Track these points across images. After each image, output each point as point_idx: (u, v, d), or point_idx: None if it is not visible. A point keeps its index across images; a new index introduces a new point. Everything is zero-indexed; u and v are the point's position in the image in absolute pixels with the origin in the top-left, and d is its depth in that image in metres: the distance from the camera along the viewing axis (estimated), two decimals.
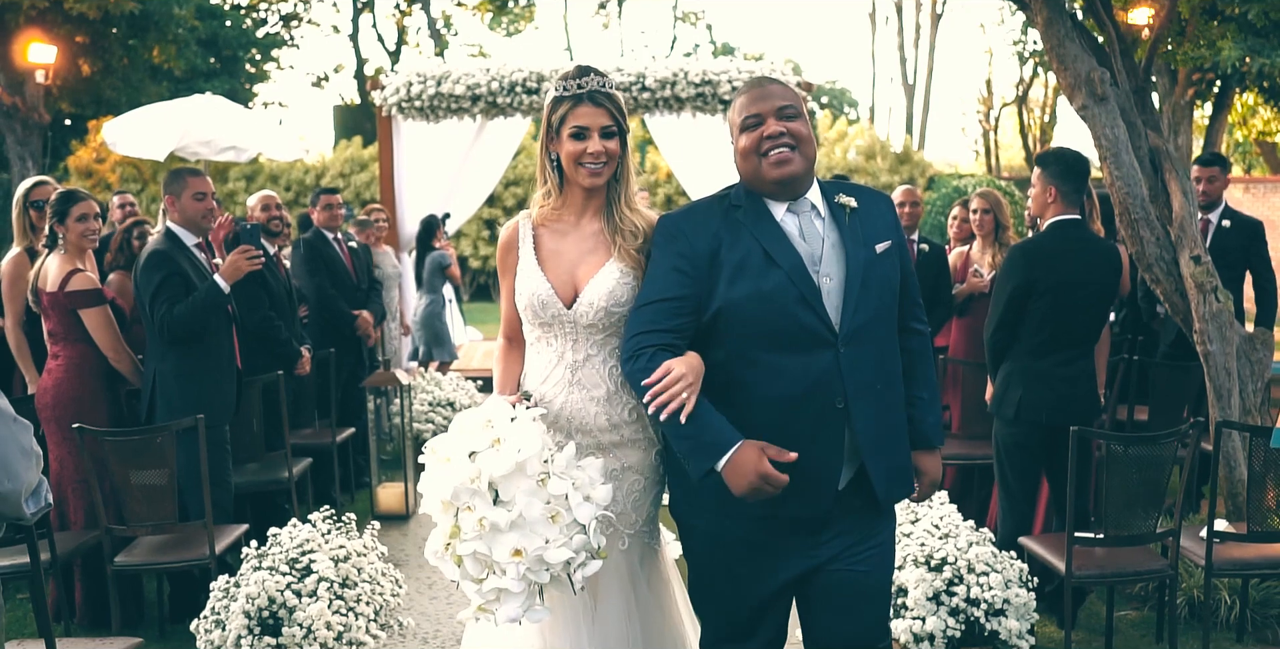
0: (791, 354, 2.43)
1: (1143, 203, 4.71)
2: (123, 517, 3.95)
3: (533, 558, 2.32)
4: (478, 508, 2.32)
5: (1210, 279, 4.60)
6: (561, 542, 2.35)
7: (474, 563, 2.34)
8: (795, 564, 2.52)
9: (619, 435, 2.74)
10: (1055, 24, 4.68)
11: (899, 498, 2.60)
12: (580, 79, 2.67)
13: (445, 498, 2.33)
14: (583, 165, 2.66)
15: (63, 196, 4.29)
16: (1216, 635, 4.21)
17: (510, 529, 2.32)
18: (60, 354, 4.31)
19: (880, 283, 2.50)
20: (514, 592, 2.33)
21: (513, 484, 2.34)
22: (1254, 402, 4.70)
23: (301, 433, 5.76)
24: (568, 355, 2.73)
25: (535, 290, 2.70)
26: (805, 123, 2.50)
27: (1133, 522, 3.78)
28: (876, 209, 2.58)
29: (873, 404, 2.47)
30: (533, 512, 2.34)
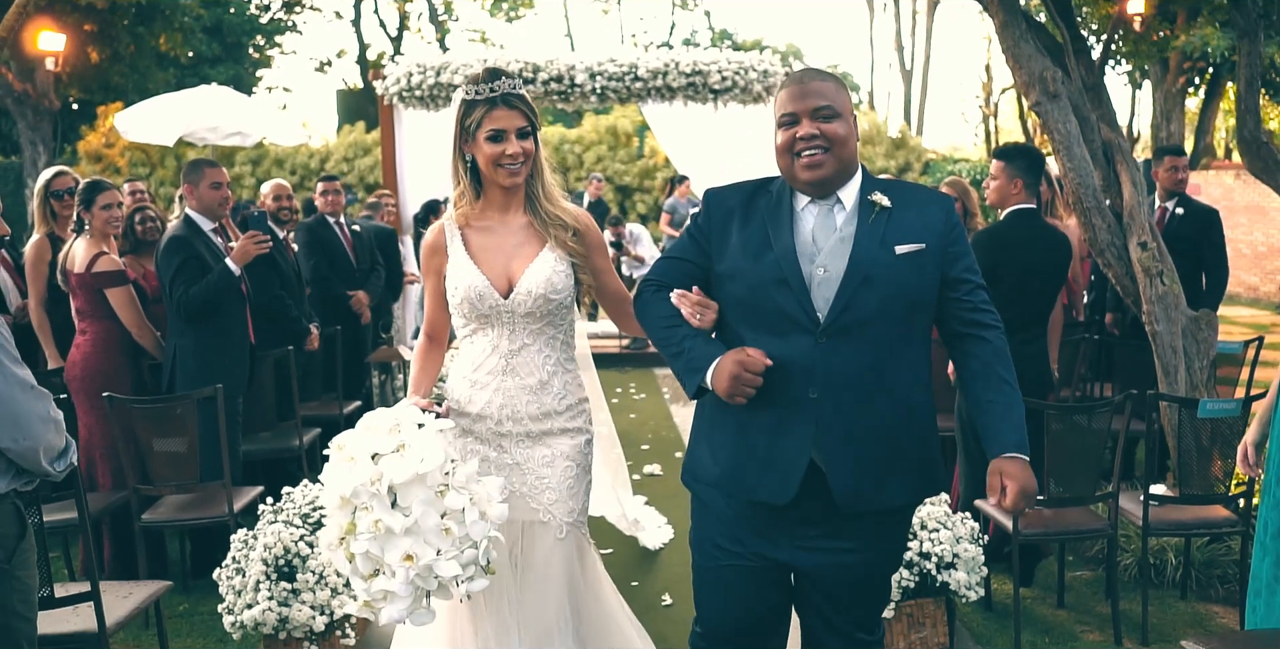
0: (770, 338, 2.41)
1: (1094, 192, 5.03)
2: (148, 478, 4.31)
3: (422, 566, 2.34)
4: (375, 509, 2.34)
5: (1156, 264, 4.93)
6: (452, 555, 2.37)
7: (365, 561, 2.37)
8: (785, 553, 2.49)
9: (550, 424, 2.81)
10: (1011, 26, 4.99)
11: (879, 504, 2.45)
12: (492, 82, 2.71)
13: (345, 494, 2.35)
14: (502, 166, 2.72)
15: (90, 185, 4.63)
16: (1162, 593, 4.55)
17: (404, 535, 2.34)
18: (87, 330, 4.66)
19: (892, 284, 2.39)
20: (400, 595, 2.36)
21: (412, 492, 2.35)
22: (1200, 378, 5.03)
23: (309, 405, 6.11)
24: (502, 345, 2.79)
25: (471, 283, 2.75)
26: (845, 122, 2.44)
27: (1074, 484, 4.13)
28: (920, 212, 2.47)
29: (852, 400, 2.39)
30: (428, 521, 2.35)
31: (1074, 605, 4.50)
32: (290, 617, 3.60)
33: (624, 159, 19.06)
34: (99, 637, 3.12)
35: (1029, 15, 5.36)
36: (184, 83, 21.06)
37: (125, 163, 18.87)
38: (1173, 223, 6.07)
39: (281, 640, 3.69)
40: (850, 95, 2.47)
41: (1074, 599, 4.56)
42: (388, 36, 31.68)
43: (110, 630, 3.15)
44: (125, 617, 3.24)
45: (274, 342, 5.44)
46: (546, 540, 2.80)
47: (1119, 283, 5.14)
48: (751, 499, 2.46)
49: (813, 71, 2.51)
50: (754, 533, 2.49)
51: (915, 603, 3.95)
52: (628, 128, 19.07)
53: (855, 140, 2.46)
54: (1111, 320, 6.55)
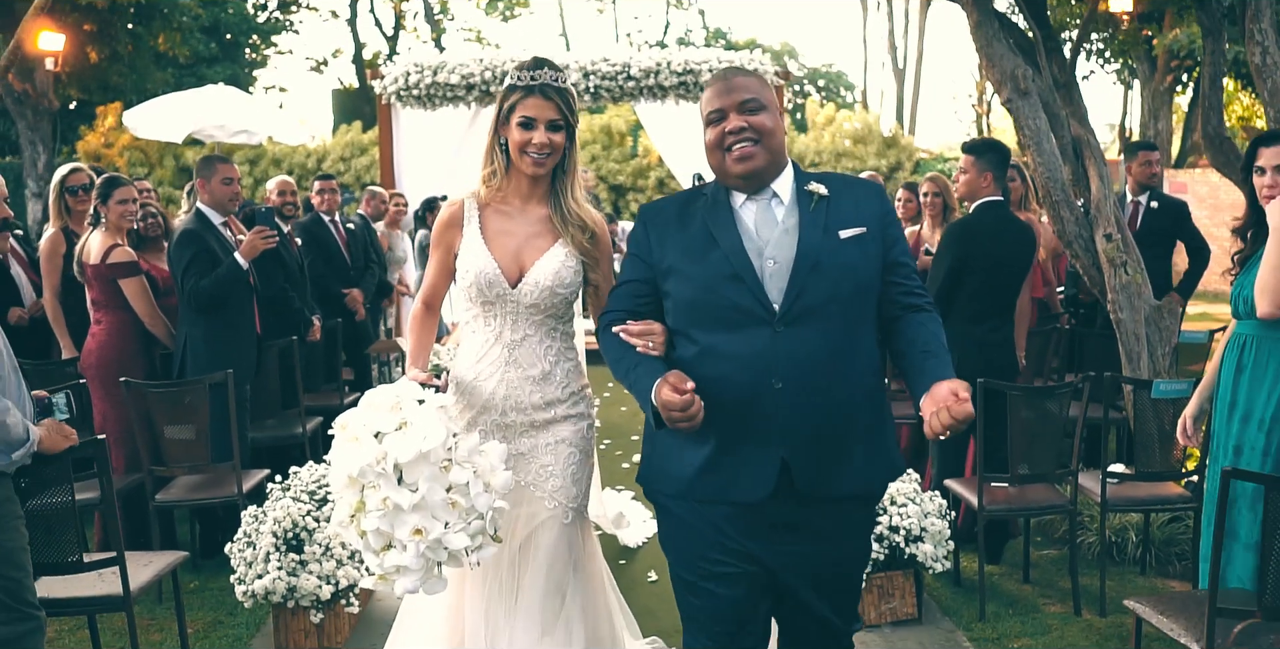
0: (727, 334, 2.41)
1: (1062, 186, 5.28)
2: (161, 460, 4.54)
3: (432, 540, 2.40)
4: (382, 487, 2.39)
5: (1120, 254, 5.17)
6: (460, 527, 2.43)
7: (376, 536, 2.43)
8: (761, 555, 2.46)
9: (553, 413, 2.84)
10: (984, 26, 5.23)
11: (840, 490, 2.46)
12: (535, 71, 2.74)
13: (353, 474, 2.41)
14: (527, 154, 2.75)
15: (107, 181, 4.86)
16: (1123, 570, 4.80)
17: (412, 511, 2.39)
18: (102, 320, 4.89)
19: (840, 268, 2.42)
20: (412, 568, 2.43)
21: (416, 469, 2.40)
22: (1163, 364, 5.28)
23: (311, 396, 6.33)
24: (505, 334, 2.81)
25: (482, 269, 2.77)
26: (772, 115, 2.48)
27: (1037, 463, 4.37)
28: (856, 198, 2.52)
29: (815, 387, 2.39)
30: (434, 497, 2.41)
31: (1039, 581, 4.75)
32: (298, 586, 3.84)
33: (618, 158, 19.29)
34: (124, 599, 3.35)
35: (1003, 15, 5.60)
36: (182, 82, 21.26)
37: (124, 162, 19.05)
38: (1146, 216, 6.31)
39: (289, 609, 3.93)
40: (775, 92, 2.59)
41: (1039, 575, 4.80)
42: (383, 36, 31.90)
43: (134, 595, 3.38)
44: (146, 582, 3.48)
45: (278, 332, 5.67)
46: (552, 526, 2.83)
47: (1086, 273, 5.39)
48: (726, 500, 2.43)
49: (735, 69, 2.55)
50: (739, 534, 2.45)
51: (885, 575, 4.19)
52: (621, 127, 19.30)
53: (783, 133, 2.51)
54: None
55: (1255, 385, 3.27)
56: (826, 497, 2.44)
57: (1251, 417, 3.28)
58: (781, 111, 2.56)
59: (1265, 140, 3.27)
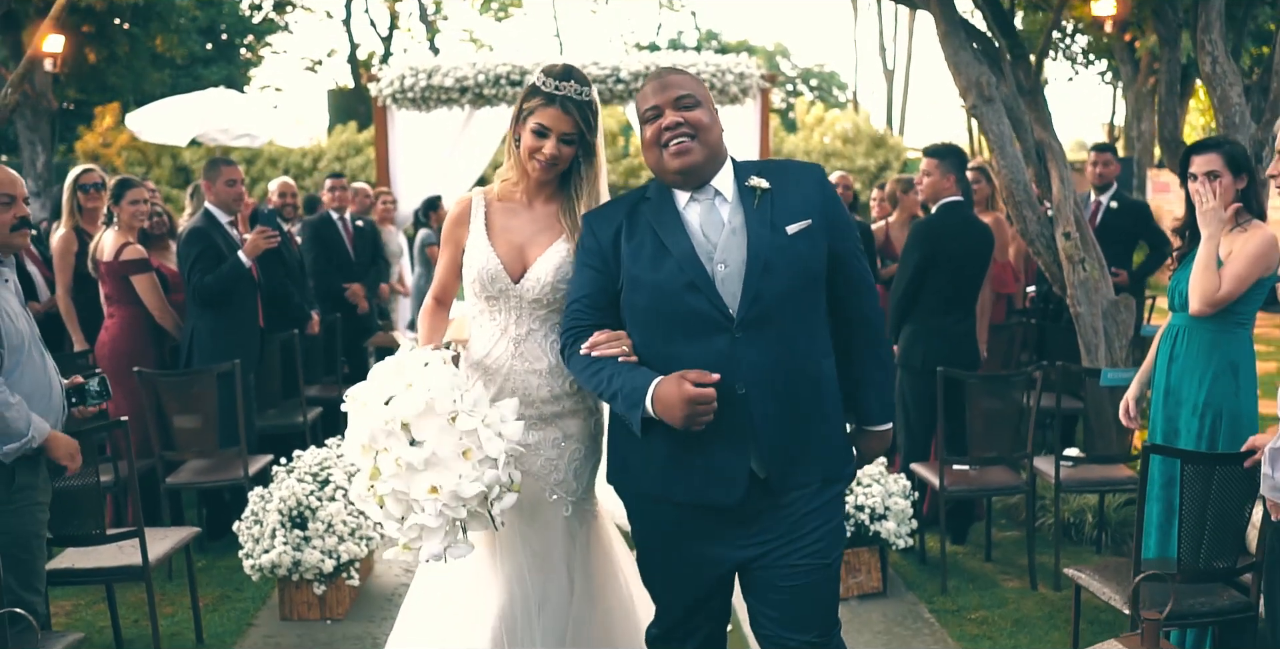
0: (687, 342, 2.41)
1: (1025, 187, 5.57)
2: (172, 445, 4.82)
3: (448, 493, 2.40)
4: (393, 449, 2.40)
5: (1079, 252, 5.46)
6: (474, 477, 2.42)
7: (394, 502, 2.43)
8: (729, 554, 2.51)
9: (560, 406, 2.81)
10: (952, 36, 5.52)
11: (805, 477, 2.49)
12: (561, 81, 2.69)
13: (364, 441, 2.44)
14: (534, 160, 2.74)
15: (120, 182, 5.14)
16: (1079, 549, 5.09)
17: (425, 467, 2.39)
18: (115, 314, 5.17)
19: (790, 265, 2.42)
20: (433, 527, 2.42)
21: (424, 424, 2.41)
22: (1120, 356, 5.57)
23: (311, 388, 6.61)
24: (511, 329, 2.80)
25: (484, 264, 2.77)
26: (706, 110, 2.48)
27: (995, 447, 4.67)
28: (798, 187, 2.50)
29: (778, 388, 2.41)
30: (444, 449, 2.41)
31: (999, 559, 5.04)
32: (302, 560, 4.12)
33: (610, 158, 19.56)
34: (143, 569, 3.63)
35: (971, 25, 5.89)
36: (178, 83, 21.52)
37: (122, 162, 19.29)
38: (1107, 215, 6.60)
39: (294, 582, 4.21)
40: (708, 90, 2.57)
41: (1000, 554, 5.10)
42: (378, 36, 32.12)
43: (152, 565, 3.67)
44: (164, 553, 3.77)
45: (278, 325, 5.94)
46: (555, 518, 2.84)
47: (1047, 270, 5.69)
48: (699, 503, 2.46)
49: (669, 69, 2.56)
50: (704, 536, 2.50)
51: (851, 551, 4.48)
52: (613, 127, 19.57)
53: (719, 129, 2.51)
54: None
55: (1188, 373, 3.54)
56: (793, 485, 2.47)
57: (1184, 402, 3.55)
58: (715, 109, 2.55)
59: (1197, 148, 3.54)
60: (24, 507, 3.15)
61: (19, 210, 3.19)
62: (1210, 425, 3.44)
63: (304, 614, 4.25)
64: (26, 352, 3.15)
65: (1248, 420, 3.40)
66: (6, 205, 3.17)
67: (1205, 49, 5.37)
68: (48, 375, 3.24)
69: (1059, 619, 4.28)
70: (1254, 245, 3.34)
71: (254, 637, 4.20)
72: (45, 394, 3.20)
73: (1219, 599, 3.24)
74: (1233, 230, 3.43)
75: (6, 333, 3.10)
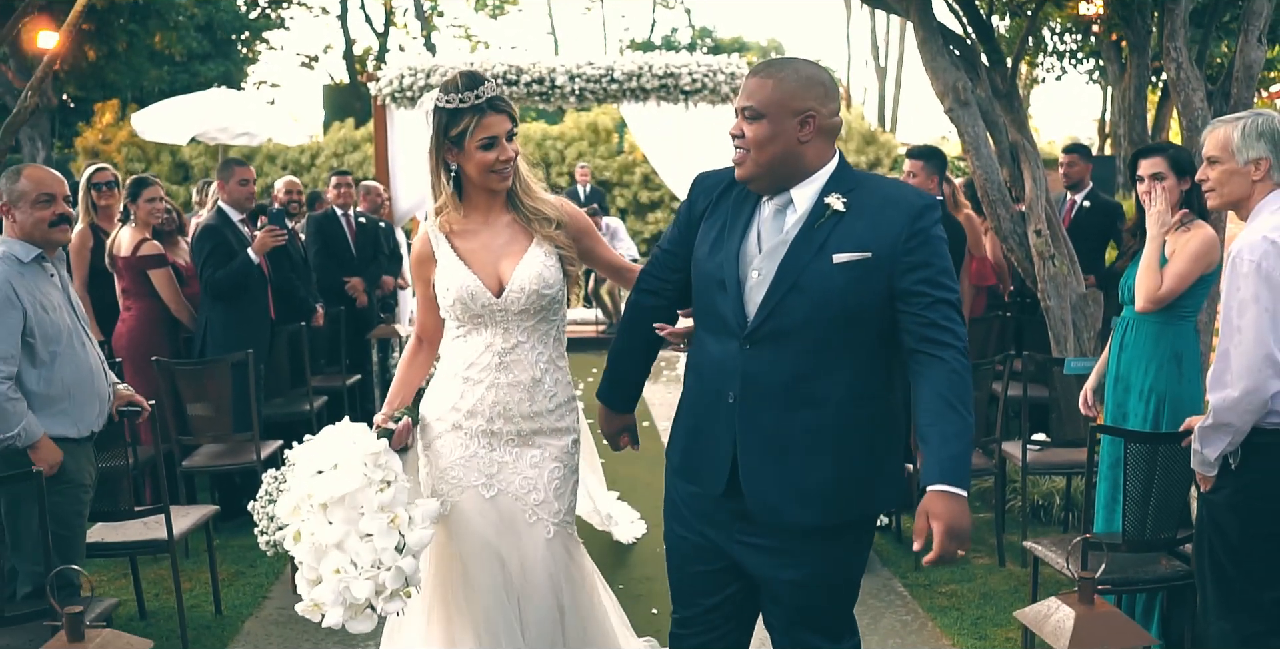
0: (710, 335, 2.45)
1: (999, 187, 5.85)
2: (187, 430, 5.09)
3: (340, 584, 2.49)
4: (310, 522, 2.53)
5: (1049, 248, 5.75)
6: (368, 576, 2.49)
7: (307, 568, 2.56)
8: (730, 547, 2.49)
9: (538, 424, 2.82)
10: (930, 42, 5.80)
11: (792, 519, 2.38)
12: (478, 89, 2.66)
13: (292, 505, 2.58)
14: (495, 172, 2.71)
15: (136, 181, 5.41)
16: (1047, 529, 5.37)
17: (334, 549, 2.50)
18: (132, 306, 5.44)
19: (826, 292, 2.29)
20: (329, 604, 2.51)
21: (337, 510, 2.51)
22: (1088, 347, 5.86)
23: (315, 378, 6.88)
24: (496, 343, 2.78)
25: (463, 282, 2.73)
26: (768, 123, 2.32)
27: None
28: (877, 216, 2.31)
29: (772, 410, 2.34)
30: (350, 541, 2.50)
31: (972, 539, 5.31)
32: None
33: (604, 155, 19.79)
34: (168, 542, 3.91)
35: (949, 30, 6.16)
36: (176, 79, 21.73)
37: (122, 159, 19.49)
38: (1079, 214, 6.89)
39: None
40: (813, 90, 2.33)
41: (971, 534, 5.35)
42: (374, 32, 32.31)
43: (176, 538, 3.94)
44: (188, 528, 4.05)
45: (285, 318, 6.20)
46: (536, 541, 2.81)
47: (1020, 265, 5.97)
48: (693, 485, 2.51)
49: (766, 65, 2.38)
50: (697, 517, 2.53)
51: None
52: (608, 125, 19.80)
53: (788, 143, 2.33)
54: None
55: (1135, 362, 3.83)
56: (770, 521, 2.39)
57: (1132, 388, 3.84)
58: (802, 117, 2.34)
59: (1144, 153, 3.82)
60: (68, 488, 3.41)
61: (59, 208, 3.42)
62: (1155, 410, 3.72)
63: None
64: (66, 343, 3.39)
65: (1189, 405, 3.69)
66: (46, 203, 3.41)
67: (1170, 55, 5.64)
68: (90, 366, 3.49)
69: (1024, 593, 4.56)
70: (1194, 245, 3.62)
71: (269, 608, 4.48)
72: (88, 384, 3.45)
73: (1161, 568, 3.53)
74: (1178, 230, 3.71)
75: (41, 325, 3.33)
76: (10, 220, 3.43)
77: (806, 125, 2.33)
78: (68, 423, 3.41)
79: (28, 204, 3.39)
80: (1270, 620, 2.94)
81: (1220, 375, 2.88)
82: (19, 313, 3.27)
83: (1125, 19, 6.22)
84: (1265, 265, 2.81)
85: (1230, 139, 2.97)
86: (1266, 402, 2.84)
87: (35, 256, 3.42)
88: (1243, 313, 2.83)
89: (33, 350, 3.33)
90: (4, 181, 3.44)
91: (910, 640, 4.14)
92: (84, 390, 3.43)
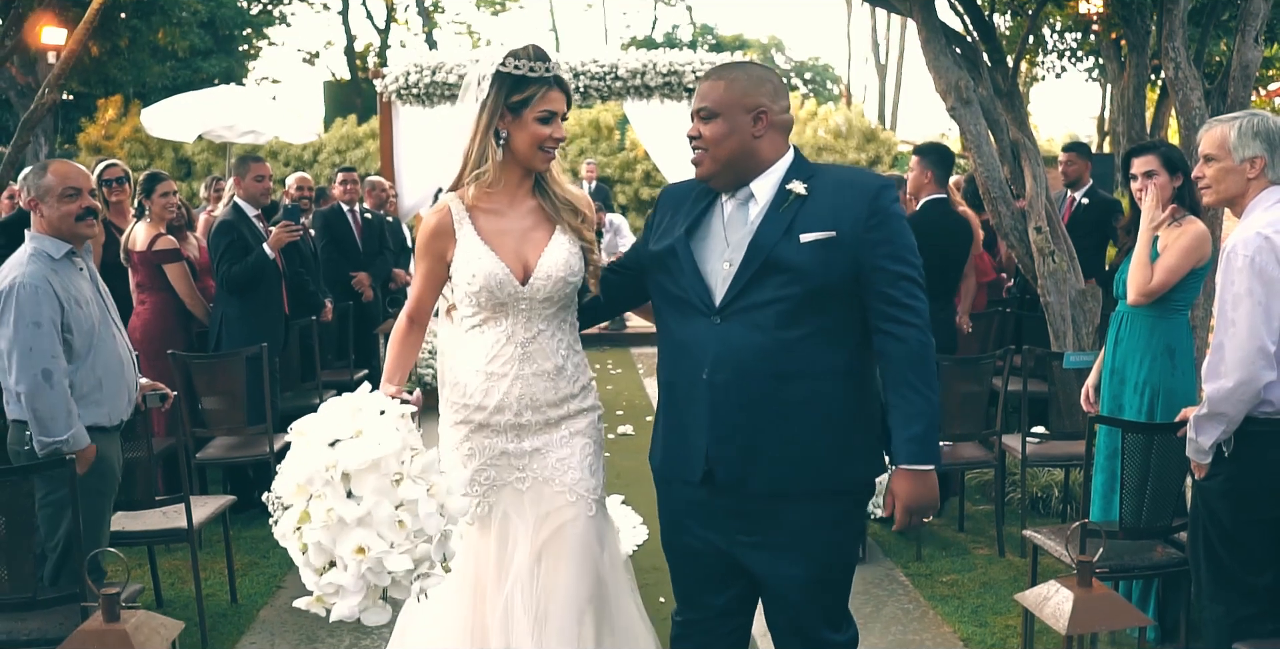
0: (680, 319, 2.52)
1: (1000, 184, 5.94)
2: (202, 423, 5.18)
3: (374, 558, 2.24)
4: (328, 497, 2.25)
5: (1049, 244, 5.84)
6: (405, 549, 2.27)
7: (318, 552, 2.27)
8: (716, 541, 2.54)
9: (566, 409, 2.76)
10: (932, 42, 5.88)
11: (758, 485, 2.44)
12: (546, 62, 2.60)
13: (300, 481, 2.29)
14: (544, 150, 2.64)
15: (150, 177, 5.50)
16: (1047, 520, 5.46)
17: (357, 525, 2.24)
18: (146, 300, 5.53)
19: (791, 271, 2.39)
20: (350, 590, 2.26)
21: (365, 480, 2.26)
22: (1087, 342, 5.95)
23: (324, 373, 6.97)
24: (518, 333, 2.70)
25: (491, 271, 2.65)
26: (722, 121, 2.43)
27: (965, 425, 5.05)
28: (837, 197, 2.43)
29: (745, 382, 2.40)
30: (380, 512, 2.25)
31: (972, 530, 5.43)
32: None
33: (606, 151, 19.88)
34: (187, 532, 4.00)
35: (951, 30, 6.24)
36: (179, 75, 21.79)
37: (124, 154, 19.56)
38: (1078, 211, 6.99)
39: None
40: (763, 88, 2.46)
41: (972, 525, 5.48)
42: (375, 28, 32.37)
43: (195, 528, 4.03)
44: (206, 517, 4.15)
45: (295, 313, 6.30)
46: (577, 521, 2.73)
47: (1020, 261, 6.07)
48: (676, 476, 2.55)
49: (718, 68, 2.50)
50: (692, 517, 2.56)
51: None
52: (609, 121, 19.89)
53: (742, 139, 2.44)
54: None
55: (1130, 355, 3.92)
56: (747, 491, 2.45)
57: (1127, 381, 3.93)
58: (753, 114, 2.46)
59: (1136, 151, 3.92)
60: (96, 478, 3.49)
61: (85, 202, 3.50)
62: (1149, 401, 3.82)
63: None
64: (98, 335, 3.48)
65: (1182, 397, 3.78)
66: (72, 197, 3.48)
67: (1169, 55, 5.73)
68: (119, 354, 3.58)
69: (1023, 582, 4.63)
70: (1185, 240, 3.71)
71: (284, 597, 4.57)
72: (118, 373, 3.55)
73: (1157, 555, 3.63)
74: (1170, 225, 3.80)
75: (77, 321, 3.42)
76: (38, 215, 3.50)
77: (760, 121, 2.45)
78: (100, 413, 3.50)
79: (54, 198, 3.46)
80: (1262, 604, 3.03)
81: (1215, 367, 2.97)
82: (58, 314, 3.36)
83: (1125, 19, 6.31)
84: (1259, 260, 2.91)
85: (1227, 137, 3.07)
86: (1259, 392, 2.93)
87: (66, 253, 3.49)
88: (1237, 306, 2.93)
89: (70, 346, 3.42)
90: (30, 177, 3.51)
91: (912, 628, 4.23)
92: (115, 380, 3.53)
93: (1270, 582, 3.04)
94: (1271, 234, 2.93)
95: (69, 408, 3.37)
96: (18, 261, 3.44)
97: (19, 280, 3.35)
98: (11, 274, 3.39)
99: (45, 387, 3.31)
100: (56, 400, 3.33)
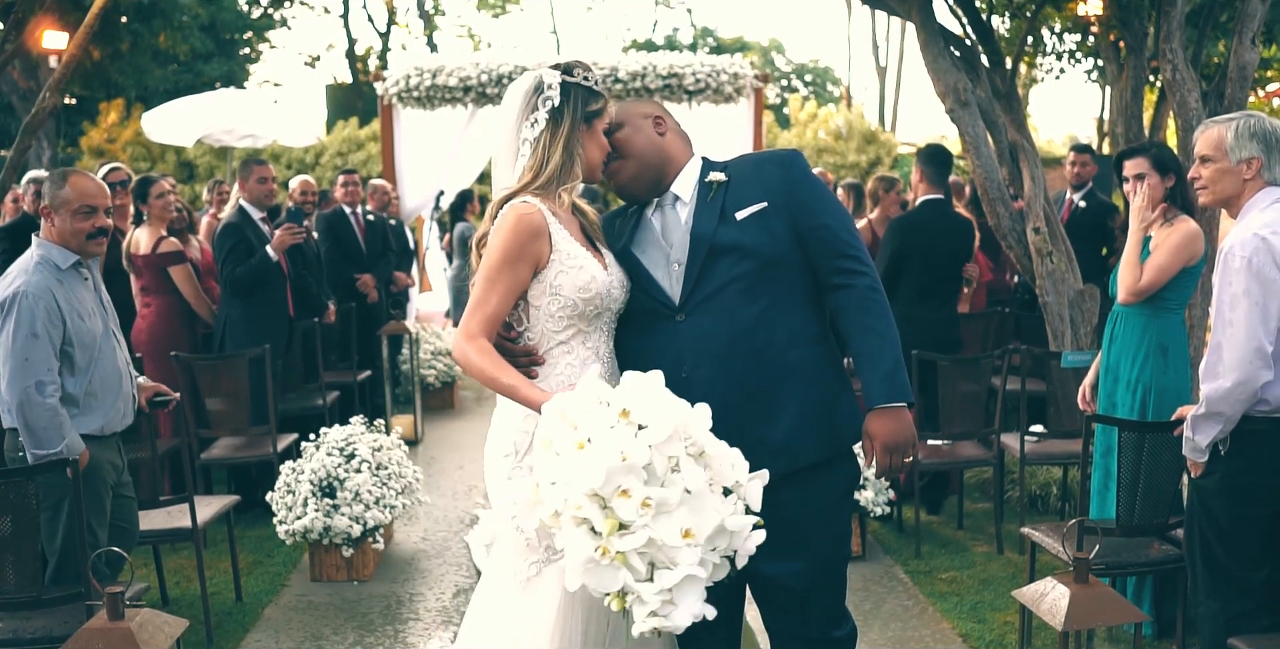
0: (642, 328, 2.52)
1: (998, 185, 5.97)
2: (206, 423, 5.21)
3: (715, 528, 2.03)
4: (635, 489, 1.99)
5: (1047, 245, 5.87)
6: (731, 510, 2.08)
7: (639, 560, 2.00)
8: None
9: None
10: (931, 44, 5.92)
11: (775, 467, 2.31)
12: (597, 76, 2.57)
13: (596, 486, 1.99)
14: (606, 162, 2.59)
15: (141, 181, 5.53)
16: (1046, 518, 5.49)
17: (680, 505, 2.02)
18: (151, 303, 5.56)
19: (737, 249, 2.45)
20: (699, 577, 2.03)
21: (670, 450, 2.04)
22: (1085, 342, 5.98)
23: (327, 374, 7.00)
24: (603, 349, 2.53)
25: (605, 280, 2.48)
26: (627, 128, 2.58)
27: (964, 423, 5.08)
28: (757, 174, 2.54)
29: (725, 370, 2.43)
30: (697, 482, 2.04)
31: (971, 527, 5.46)
32: (332, 525, 4.53)
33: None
34: (192, 531, 4.03)
35: (950, 32, 6.28)
36: (180, 79, 21.84)
37: (127, 158, 19.59)
38: (1076, 212, 7.02)
39: (324, 545, 4.61)
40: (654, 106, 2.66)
41: (971, 523, 5.52)
42: (376, 31, 32.42)
43: (200, 526, 4.06)
44: (211, 517, 4.18)
45: (299, 315, 6.32)
46: None
47: (1019, 262, 6.10)
48: None
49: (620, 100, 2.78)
50: None
51: None
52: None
53: (650, 137, 2.58)
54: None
55: (1124, 354, 3.95)
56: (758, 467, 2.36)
57: (1121, 379, 3.96)
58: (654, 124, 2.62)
59: (1126, 154, 3.96)
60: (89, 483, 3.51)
61: (98, 220, 3.47)
62: (1141, 399, 3.85)
63: (333, 576, 4.66)
64: (99, 347, 3.48)
65: (1173, 395, 3.81)
66: (87, 215, 3.45)
67: (1166, 57, 5.76)
68: (118, 367, 3.58)
69: (1022, 579, 4.66)
70: (1175, 239, 3.75)
71: (288, 596, 4.60)
72: (116, 384, 3.55)
73: (1153, 552, 3.66)
74: (1162, 225, 3.83)
75: (79, 334, 3.41)
76: (49, 223, 3.48)
77: (659, 125, 2.63)
78: (94, 423, 3.49)
79: (69, 212, 3.44)
80: (1257, 599, 3.06)
81: (1213, 366, 3.01)
82: (59, 329, 3.35)
83: (1123, 21, 6.33)
84: (1256, 261, 2.94)
85: (1223, 139, 3.10)
86: (1256, 391, 2.97)
87: (73, 264, 3.48)
88: (1234, 307, 2.96)
89: (71, 359, 3.42)
90: (48, 184, 3.50)
91: (911, 624, 4.26)
92: (112, 392, 3.52)
93: (1265, 577, 3.07)
94: (1268, 235, 2.97)
95: (60, 420, 3.35)
96: (23, 269, 3.42)
97: (22, 289, 3.34)
98: (16, 282, 3.37)
99: (37, 398, 3.30)
100: (48, 414, 3.32)
